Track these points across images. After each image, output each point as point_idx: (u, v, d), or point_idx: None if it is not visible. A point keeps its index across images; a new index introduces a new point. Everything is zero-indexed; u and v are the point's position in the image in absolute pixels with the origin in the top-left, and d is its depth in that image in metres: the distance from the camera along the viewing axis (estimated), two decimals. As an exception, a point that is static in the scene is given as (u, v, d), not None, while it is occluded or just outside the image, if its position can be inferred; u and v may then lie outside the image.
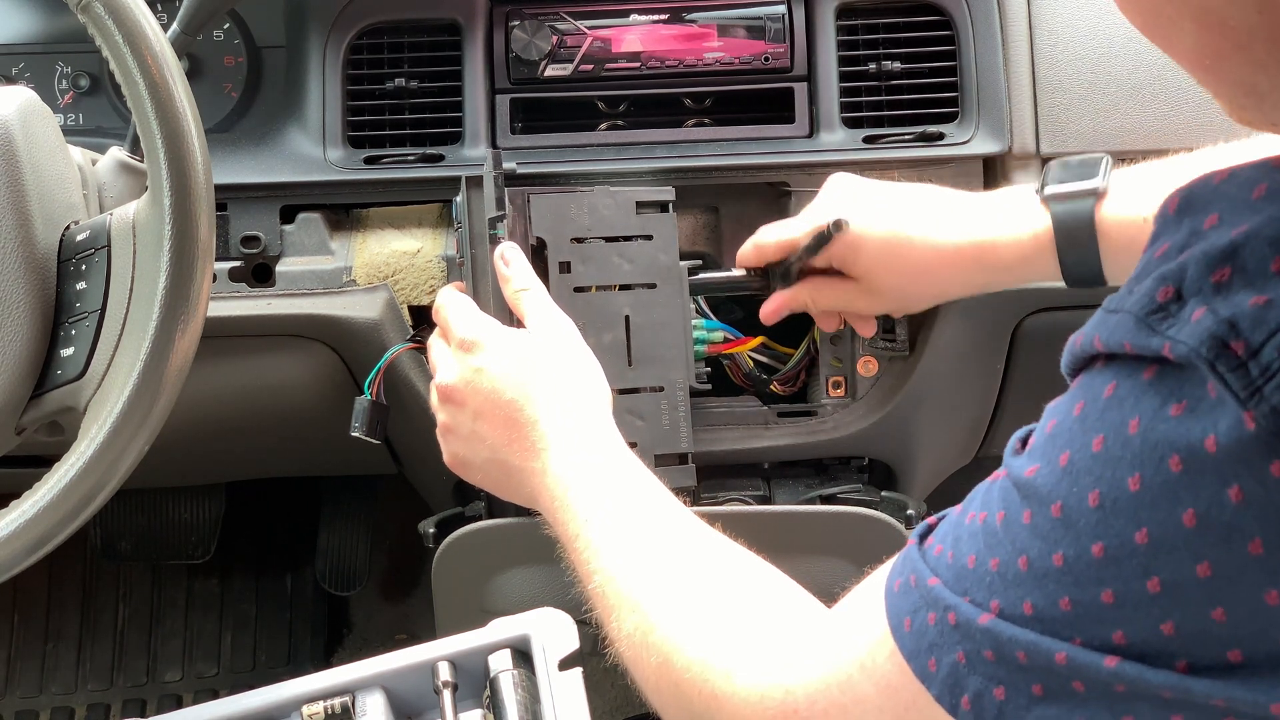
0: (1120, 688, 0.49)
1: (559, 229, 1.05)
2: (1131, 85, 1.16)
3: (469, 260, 1.05)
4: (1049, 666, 0.50)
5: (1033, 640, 0.51)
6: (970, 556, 0.54)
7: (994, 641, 0.52)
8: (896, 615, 0.58)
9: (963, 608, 0.54)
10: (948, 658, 0.54)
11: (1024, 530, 0.52)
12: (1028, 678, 0.51)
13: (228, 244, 1.16)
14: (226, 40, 1.22)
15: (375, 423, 1.09)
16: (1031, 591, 0.51)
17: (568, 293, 1.05)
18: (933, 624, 0.55)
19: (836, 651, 0.63)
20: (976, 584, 0.53)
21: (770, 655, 0.67)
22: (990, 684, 0.52)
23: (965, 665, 0.53)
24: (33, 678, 1.80)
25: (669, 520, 0.81)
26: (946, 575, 0.56)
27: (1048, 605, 0.50)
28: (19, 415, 0.84)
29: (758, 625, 0.70)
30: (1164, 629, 0.47)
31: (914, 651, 0.56)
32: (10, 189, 0.83)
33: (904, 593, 0.58)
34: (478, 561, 1.05)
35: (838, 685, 0.61)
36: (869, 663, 0.60)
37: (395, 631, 1.85)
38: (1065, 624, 0.50)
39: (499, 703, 0.77)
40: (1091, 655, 0.49)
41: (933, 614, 0.55)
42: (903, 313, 1.11)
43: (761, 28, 1.18)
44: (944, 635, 0.54)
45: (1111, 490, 0.47)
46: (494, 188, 1.03)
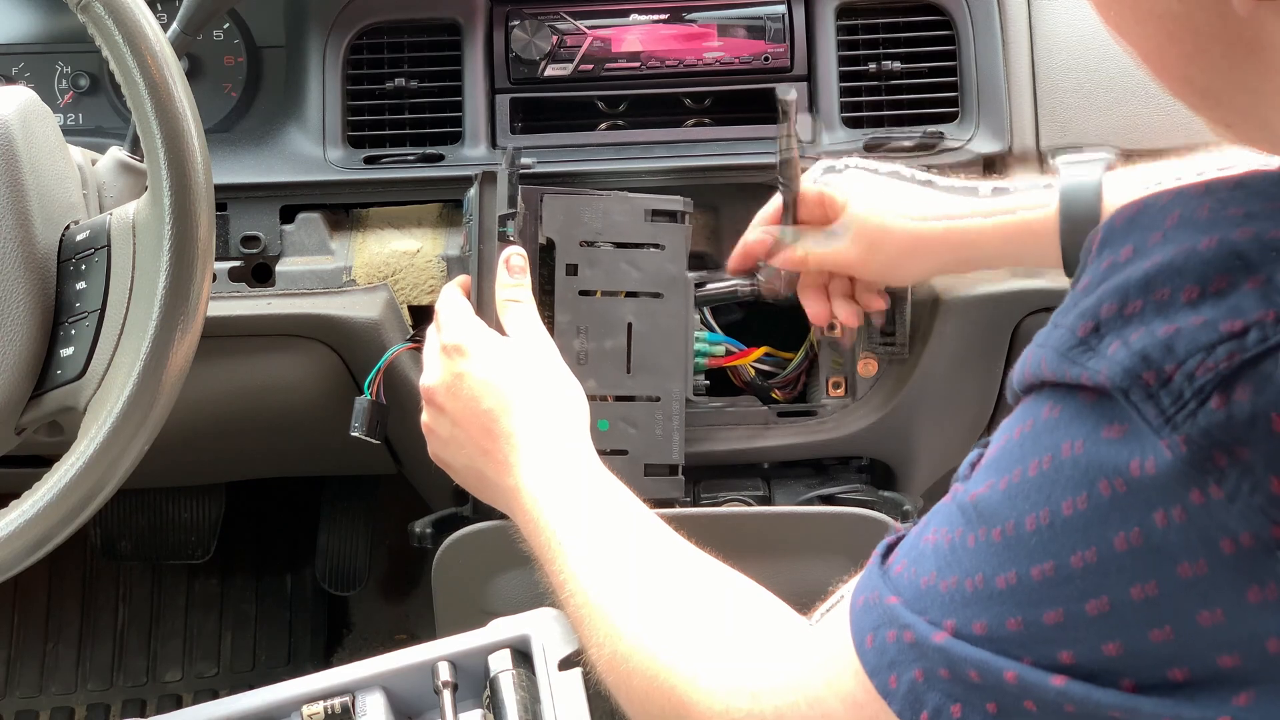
0: (1070, 708, 0.49)
1: (569, 231, 1.05)
2: (1131, 85, 1.16)
3: (475, 254, 1.04)
4: (1000, 685, 0.51)
5: (984, 659, 0.51)
6: (927, 576, 0.55)
7: (948, 660, 0.53)
8: (859, 632, 0.58)
9: (919, 626, 0.54)
10: (907, 674, 0.55)
11: (972, 552, 0.52)
12: (982, 695, 0.52)
13: (228, 244, 1.16)
14: (226, 40, 1.22)
15: (375, 423, 1.09)
16: (981, 612, 0.52)
17: (573, 295, 1.05)
18: (892, 641, 0.56)
19: (804, 664, 0.63)
20: (933, 603, 0.54)
21: (739, 664, 0.67)
22: (948, 701, 0.53)
23: (923, 683, 0.54)
24: (33, 678, 1.80)
25: (641, 533, 0.81)
26: (906, 593, 0.56)
27: (997, 625, 0.51)
28: (19, 415, 0.84)
29: (728, 633, 0.71)
30: (1107, 649, 0.48)
31: (876, 668, 0.57)
32: (10, 189, 0.83)
33: (866, 609, 0.59)
34: (478, 562, 1.05)
35: (804, 699, 0.62)
36: (834, 678, 0.60)
37: (395, 631, 1.84)
38: (1014, 644, 0.50)
39: (499, 703, 0.77)
40: (1040, 674, 0.50)
41: (892, 631, 0.56)
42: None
43: (761, 28, 1.18)
44: (902, 653, 0.55)
45: (1049, 514, 0.48)
46: (508, 185, 1.03)
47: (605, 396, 1.06)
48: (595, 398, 1.05)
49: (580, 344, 1.05)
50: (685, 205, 1.08)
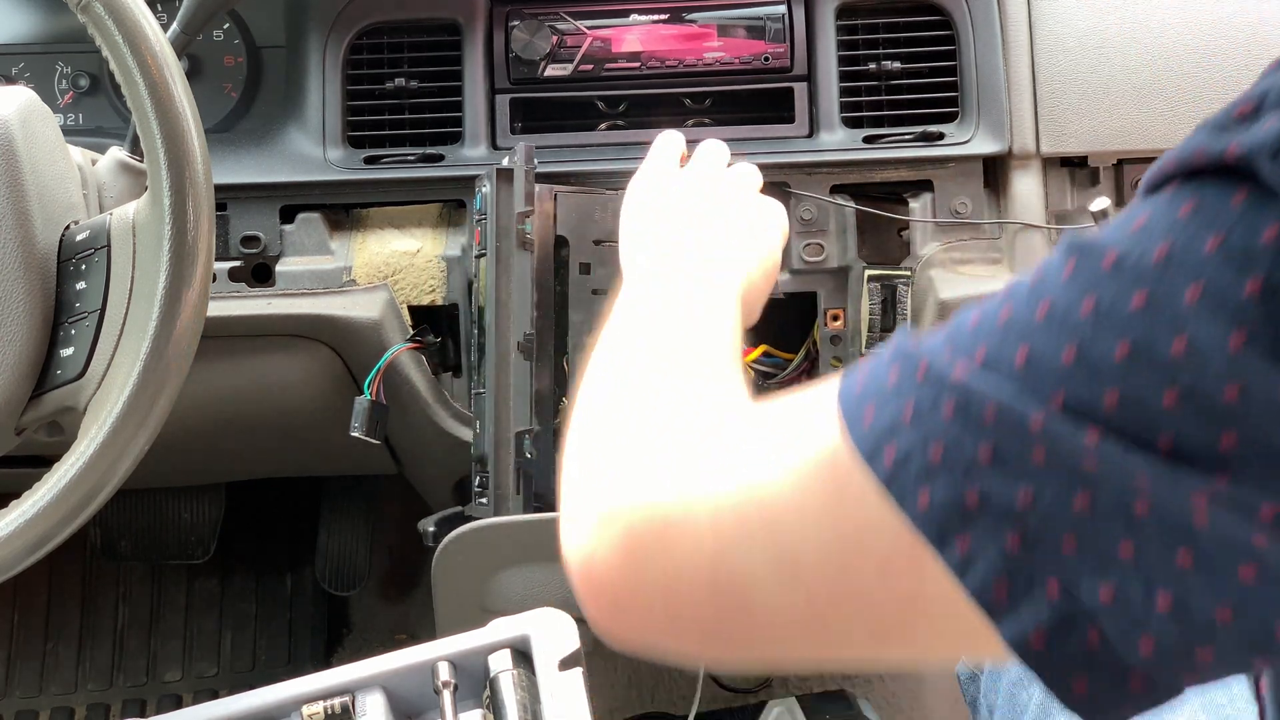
0: (1090, 465, 0.44)
1: (582, 230, 1.06)
2: (1131, 85, 1.16)
3: (492, 253, 1.04)
4: (1017, 427, 0.44)
5: (1013, 394, 0.44)
6: (974, 317, 0.48)
7: (962, 393, 0.45)
8: (847, 383, 0.50)
9: (939, 357, 0.47)
10: (889, 408, 0.47)
11: (1056, 282, 0.46)
12: (982, 437, 0.45)
13: (228, 244, 1.16)
14: (226, 40, 1.22)
15: (375, 423, 1.10)
16: (1035, 337, 0.45)
17: (586, 294, 1.05)
18: (893, 378, 0.48)
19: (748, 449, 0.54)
20: (966, 338, 0.47)
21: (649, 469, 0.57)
22: (928, 441, 0.45)
23: (910, 418, 0.46)
24: (33, 678, 1.80)
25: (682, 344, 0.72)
26: (929, 341, 0.48)
27: (1048, 352, 0.44)
28: (19, 415, 0.84)
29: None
30: (1165, 396, 0.43)
31: (853, 404, 0.48)
32: (10, 189, 0.83)
33: (859, 366, 0.51)
34: (478, 561, 1.05)
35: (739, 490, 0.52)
36: (785, 443, 0.52)
37: (395, 631, 1.84)
38: (1056, 378, 0.44)
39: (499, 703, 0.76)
40: (1071, 424, 0.44)
41: (897, 366, 0.48)
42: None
43: (761, 28, 1.18)
44: (900, 387, 0.47)
45: (1179, 243, 0.43)
46: (525, 183, 1.03)
47: None
48: None
49: (593, 343, 1.05)
50: None
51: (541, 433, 1.04)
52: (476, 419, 1.07)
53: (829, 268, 1.17)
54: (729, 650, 0.55)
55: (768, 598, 0.50)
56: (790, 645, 0.53)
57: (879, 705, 1.69)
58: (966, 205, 1.17)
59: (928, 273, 1.16)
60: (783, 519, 0.50)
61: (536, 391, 1.04)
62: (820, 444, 0.49)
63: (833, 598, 0.49)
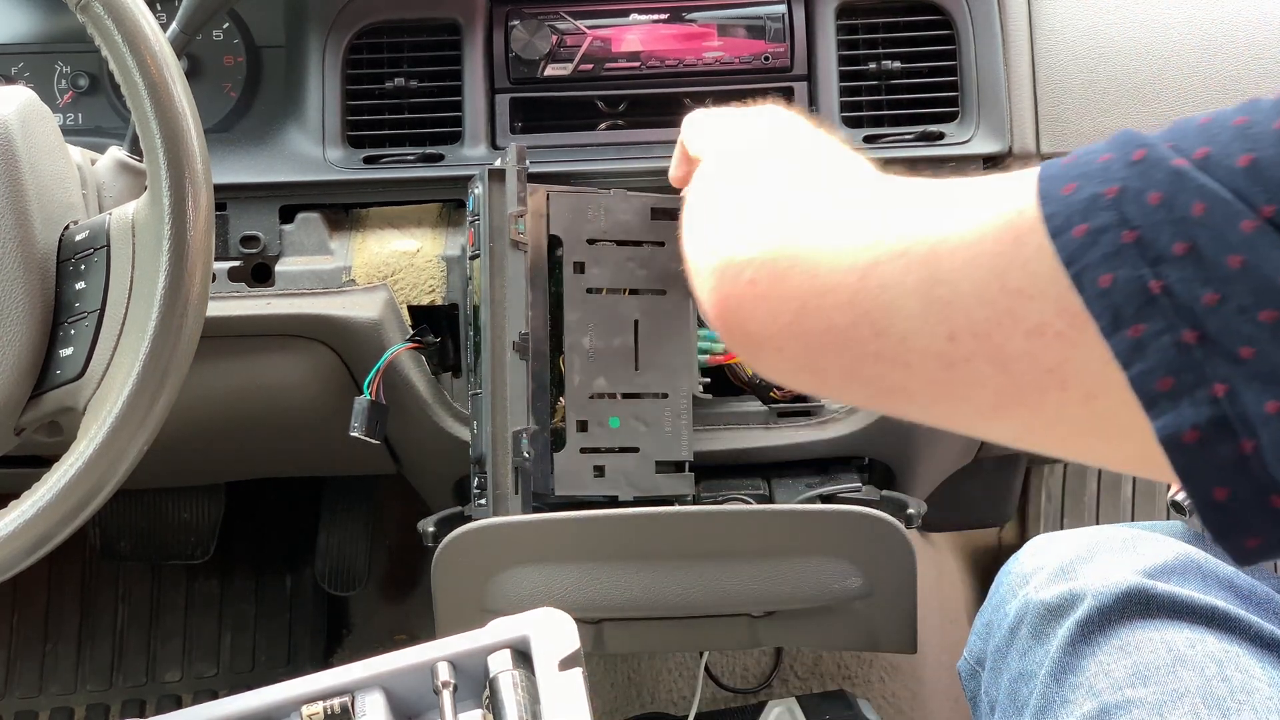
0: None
1: (575, 228, 1.06)
2: (1131, 85, 1.16)
3: (485, 254, 1.04)
4: (1223, 228, 0.43)
5: (1228, 195, 0.43)
6: (1203, 119, 0.46)
7: (1175, 184, 0.44)
8: (1052, 161, 0.49)
9: (1158, 148, 0.45)
10: (1092, 186, 0.46)
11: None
12: (1183, 231, 0.43)
13: (227, 244, 1.16)
14: (226, 40, 1.22)
15: (375, 423, 1.09)
16: (1266, 147, 0.43)
17: (580, 293, 1.05)
18: (1104, 159, 0.47)
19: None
20: (1192, 136, 0.45)
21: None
22: (1125, 224, 0.44)
23: (1113, 198, 0.45)
24: (32, 678, 1.80)
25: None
26: (1151, 135, 0.47)
27: (1276, 163, 0.43)
28: (18, 415, 0.84)
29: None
30: None
31: (1054, 178, 0.48)
32: (9, 189, 0.83)
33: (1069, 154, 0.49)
34: (478, 561, 1.05)
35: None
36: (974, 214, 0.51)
37: (395, 631, 1.84)
38: (1276, 190, 0.43)
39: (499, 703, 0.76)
40: (1278, 237, 0.42)
41: (1111, 152, 0.47)
42: None
43: (761, 27, 1.18)
44: (1109, 168, 0.46)
45: None
46: (516, 183, 1.03)
47: (615, 394, 1.06)
48: (605, 395, 1.05)
49: (590, 341, 1.05)
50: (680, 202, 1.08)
51: (538, 432, 1.04)
52: (473, 419, 1.07)
53: (829, 268, 1.16)
54: (845, 374, 0.56)
55: (908, 325, 0.52)
56: (911, 383, 0.53)
57: (879, 705, 1.69)
58: (966, 205, 1.17)
59: (928, 273, 1.16)
60: (948, 258, 0.50)
61: (532, 391, 1.04)
62: (1008, 205, 0.49)
63: (974, 345, 0.49)
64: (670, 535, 1.04)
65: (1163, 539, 0.87)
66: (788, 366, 0.60)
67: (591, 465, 1.06)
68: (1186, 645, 0.79)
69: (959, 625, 1.77)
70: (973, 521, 1.80)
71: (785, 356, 0.59)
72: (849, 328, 0.54)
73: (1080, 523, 1.85)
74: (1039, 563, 0.88)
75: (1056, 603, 0.84)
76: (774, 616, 1.11)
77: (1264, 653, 0.79)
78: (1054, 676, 0.82)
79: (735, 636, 1.15)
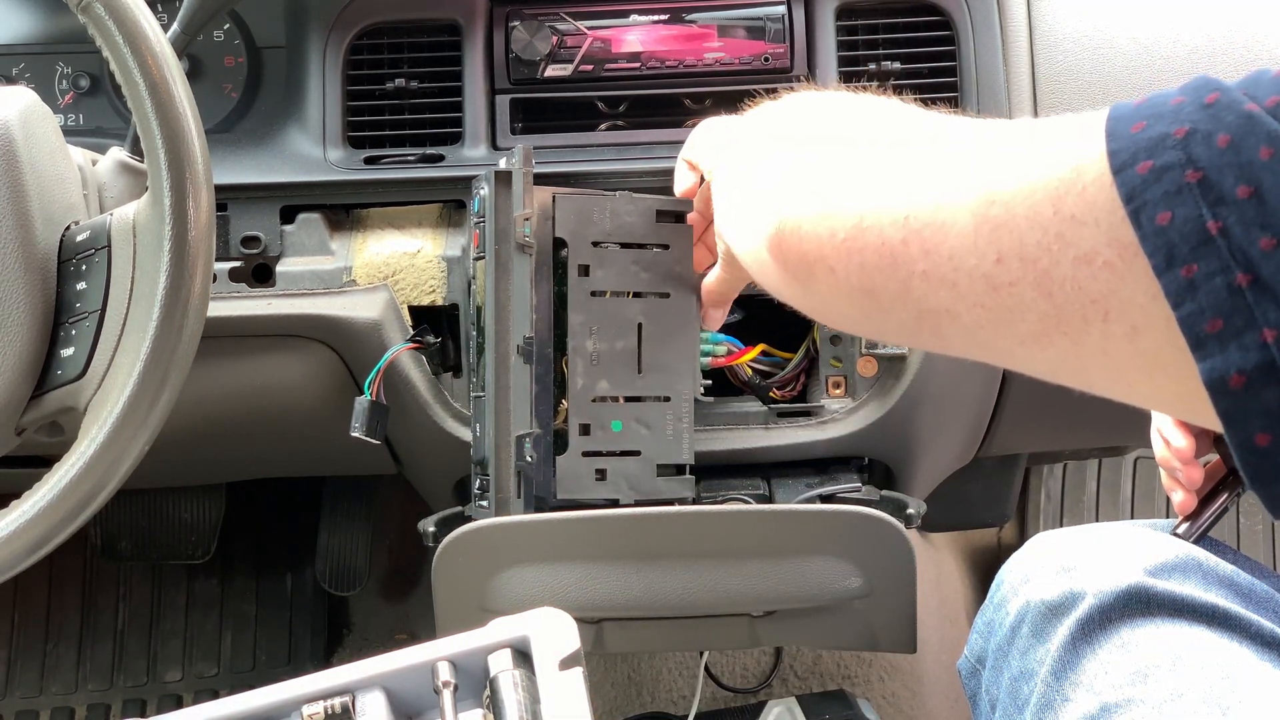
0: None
1: (581, 231, 1.05)
2: (1131, 85, 1.16)
3: (490, 256, 1.04)
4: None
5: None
6: (1277, 70, 0.46)
7: (1245, 126, 0.44)
8: (1124, 102, 0.49)
9: (1232, 93, 0.45)
10: (1162, 124, 0.46)
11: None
12: (1247, 174, 0.43)
13: (228, 244, 1.16)
14: (226, 40, 1.22)
15: (375, 423, 1.09)
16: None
17: (585, 296, 1.05)
18: (1176, 101, 0.46)
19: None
20: (1267, 85, 0.45)
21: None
22: (1190, 163, 0.44)
23: (1181, 138, 0.45)
24: (33, 678, 1.80)
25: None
26: (1226, 81, 0.47)
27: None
28: (19, 415, 0.84)
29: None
30: None
31: (1124, 116, 0.47)
32: (10, 189, 0.84)
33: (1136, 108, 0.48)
34: (478, 561, 1.05)
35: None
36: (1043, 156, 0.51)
37: (395, 631, 1.85)
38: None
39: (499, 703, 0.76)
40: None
41: (1183, 96, 0.47)
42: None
43: (761, 28, 1.18)
44: (1181, 109, 0.46)
45: None
46: (523, 185, 1.03)
47: (618, 397, 1.06)
48: (608, 398, 1.05)
49: (593, 345, 1.05)
50: (690, 206, 1.08)
51: (541, 435, 1.04)
52: (476, 422, 1.07)
53: (829, 268, 1.16)
54: (896, 295, 0.56)
55: (957, 242, 0.52)
56: (957, 305, 0.53)
57: (879, 705, 1.69)
58: (966, 205, 1.17)
59: (927, 273, 1.16)
60: (1005, 180, 0.51)
61: (536, 394, 1.04)
62: (1072, 140, 0.49)
63: (1020, 270, 0.49)
64: (670, 535, 1.04)
65: (1163, 537, 0.87)
66: (841, 288, 0.60)
67: (593, 468, 1.06)
68: (1187, 644, 0.79)
69: (959, 625, 1.78)
70: (972, 521, 1.80)
71: (838, 276, 0.59)
72: (900, 244, 0.54)
73: (1080, 522, 1.85)
74: (1040, 561, 0.88)
75: (1057, 601, 0.84)
76: (774, 616, 1.12)
77: (1264, 651, 0.79)
78: (1055, 675, 0.82)
79: (735, 636, 1.15)
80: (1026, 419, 1.27)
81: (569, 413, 1.05)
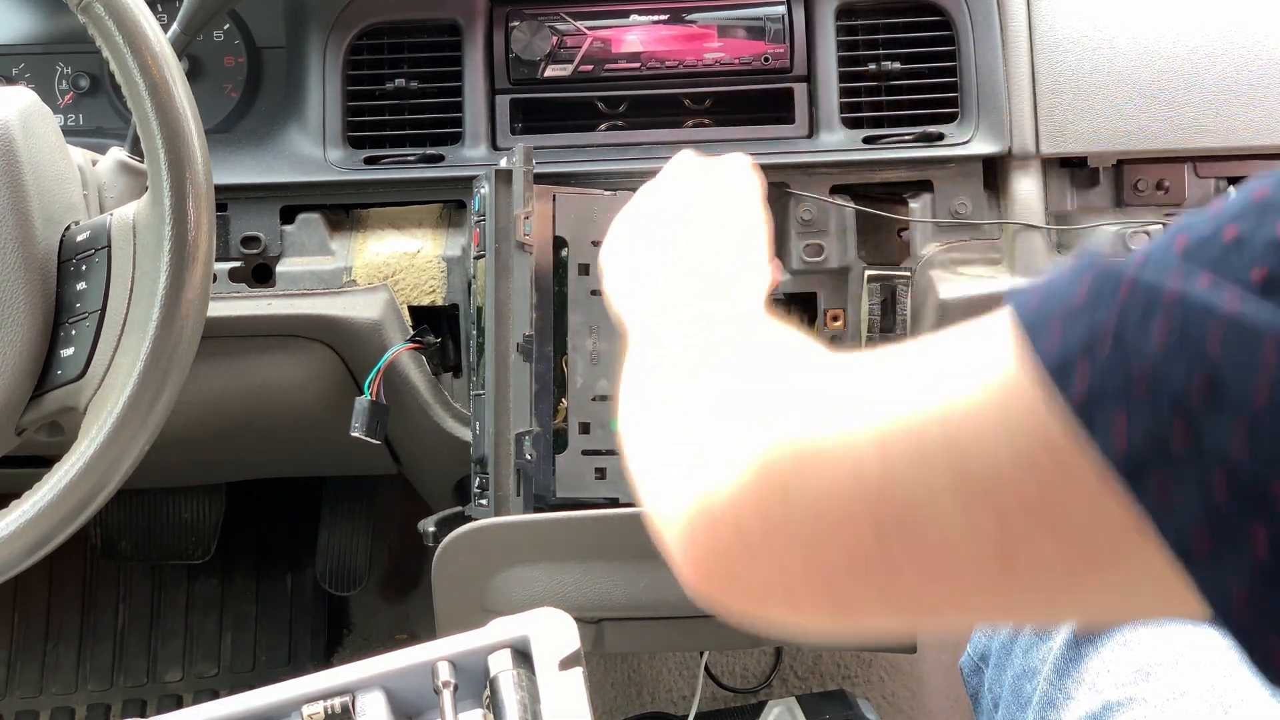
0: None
1: (581, 230, 1.06)
2: (1131, 86, 1.16)
3: (491, 254, 1.04)
4: (1246, 352, 0.37)
5: (1247, 311, 0.38)
6: (1180, 239, 0.41)
7: (1182, 310, 0.39)
8: (1022, 297, 0.43)
9: (1147, 270, 0.40)
10: (1081, 325, 0.40)
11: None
12: (1200, 363, 0.38)
13: (228, 244, 1.16)
14: (226, 40, 1.22)
15: (375, 423, 1.10)
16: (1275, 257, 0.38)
17: (584, 295, 1.05)
18: (1084, 293, 0.41)
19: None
20: (1178, 256, 0.40)
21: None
22: (1132, 365, 0.39)
23: (1111, 337, 0.40)
24: (33, 678, 1.80)
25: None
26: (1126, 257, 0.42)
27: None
28: (19, 415, 0.84)
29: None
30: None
31: (1034, 320, 0.42)
32: (10, 189, 0.84)
33: (1035, 282, 0.44)
34: (478, 561, 1.05)
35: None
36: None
37: (395, 631, 1.85)
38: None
39: (499, 703, 0.76)
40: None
41: (1088, 278, 0.41)
42: None
43: (761, 28, 1.18)
44: (1096, 302, 0.41)
45: None
46: (523, 184, 1.03)
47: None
48: (608, 397, 1.05)
49: (593, 343, 1.05)
50: None
51: (541, 434, 1.04)
52: (475, 420, 1.07)
53: (829, 268, 1.17)
54: (874, 600, 0.47)
55: (948, 522, 0.44)
56: (959, 583, 0.45)
57: (879, 705, 1.69)
58: (966, 206, 1.17)
59: (928, 273, 1.16)
60: (973, 436, 0.43)
61: (535, 393, 1.04)
62: (1008, 361, 0.43)
63: (1030, 521, 0.42)
64: (670, 535, 1.04)
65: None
66: (809, 617, 0.49)
67: (593, 467, 1.06)
68: (1189, 642, 0.79)
69: (959, 625, 1.77)
70: (973, 521, 1.80)
71: (803, 608, 0.49)
72: (875, 529, 0.45)
73: (1080, 523, 1.84)
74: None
75: (1059, 601, 0.83)
76: (774, 616, 1.11)
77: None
78: (1057, 673, 0.82)
79: (735, 636, 1.15)
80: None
81: (569, 411, 1.05)
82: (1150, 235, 1.17)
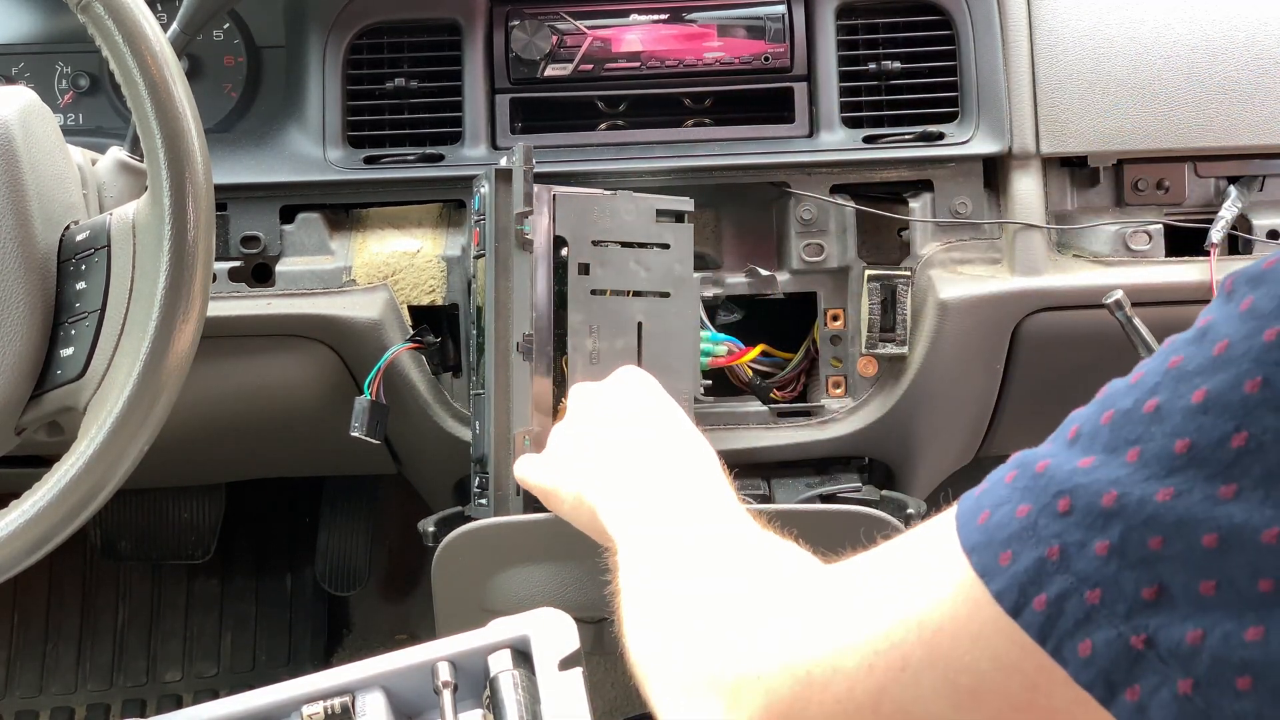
0: (1264, 587, 0.40)
1: (581, 230, 1.05)
2: (1131, 85, 1.16)
3: (490, 254, 1.04)
4: (1190, 554, 0.40)
5: (1184, 509, 0.40)
6: (1107, 412, 0.44)
7: (1122, 520, 0.41)
8: (967, 510, 0.47)
9: (1081, 483, 0.43)
10: (1029, 550, 0.43)
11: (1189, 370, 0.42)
12: (1147, 573, 0.41)
13: (228, 244, 1.16)
14: (226, 40, 1.22)
15: (375, 423, 1.09)
16: (1185, 425, 0.41)
17: (584, 294, 1.05)
18: (1025, 514, 0.44)
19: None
20: (1098, 479, 0.43)
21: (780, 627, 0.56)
22: (1083, 583, 0.42)
23: (1056, 559, 0.43)
24: (33, 678, 1.80)
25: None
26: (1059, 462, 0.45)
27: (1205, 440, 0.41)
28: (19, 415, 0.84)
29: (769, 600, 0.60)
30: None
31: (981, 543, 0.45)
32: (10, 189, 0.83)
33: (977, 495, 0.47)
34: (478, 561, 1.05)
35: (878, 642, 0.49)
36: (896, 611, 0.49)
37: (395, 631, 1.84)
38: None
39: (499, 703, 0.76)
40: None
41: (1028, 506, 0.44)
42: None
43: (761, 28, 1.18)
44: (1037, 523, 0.44)
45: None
46: (523, 183, 1.03)
47: None
48: None
49: (593, 343, 1.05)
50: (689, 205, 1.08)
51: (541, 433, 1.04)
52: (475, 420, 1.07)
53: (829, 268, 1.17)
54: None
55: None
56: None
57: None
58: (966, 205, 1.17)
59: (927, 273, 1.16)
60: (949, 645, 0.47)
61: (536, 392, 1.04)
62: (964, 583, 0.46)
63: (1024, 719, 0.46)
64: (670, 535, 1.03)
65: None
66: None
67: None
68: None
69: (959, 625, 1.77)
70: (973, 521, 1.80)
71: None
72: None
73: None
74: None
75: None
76: (774, 616, 1.11)
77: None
78: None
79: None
80: (1027, 419, 1.27)
81: (568, 411, 1.05)
82: (1150, 235, 1.17)
